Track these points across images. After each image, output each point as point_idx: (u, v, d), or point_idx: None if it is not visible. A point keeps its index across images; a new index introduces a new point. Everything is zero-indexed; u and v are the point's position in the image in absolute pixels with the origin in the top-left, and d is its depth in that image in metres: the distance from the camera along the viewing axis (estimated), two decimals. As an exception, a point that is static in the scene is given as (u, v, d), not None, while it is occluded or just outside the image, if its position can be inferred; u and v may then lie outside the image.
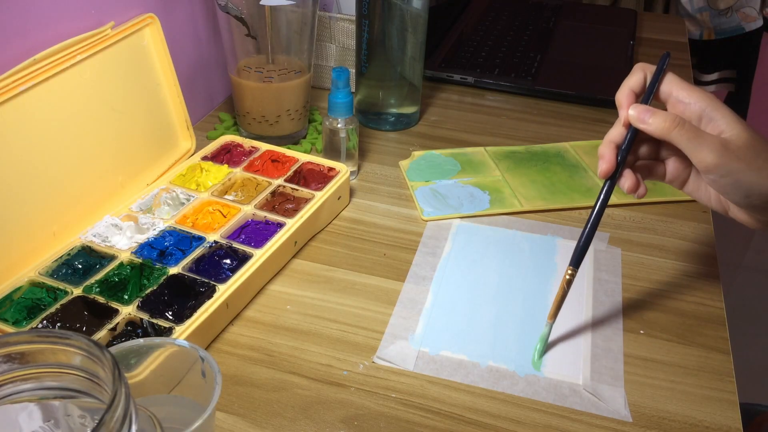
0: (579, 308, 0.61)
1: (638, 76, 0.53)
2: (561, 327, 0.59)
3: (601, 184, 0.55)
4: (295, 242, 0.66)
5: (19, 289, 0.57)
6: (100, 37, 0.65)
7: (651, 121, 0.50)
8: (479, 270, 0.65)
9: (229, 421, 0.51)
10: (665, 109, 0.53)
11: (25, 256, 0.59)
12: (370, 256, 0.67)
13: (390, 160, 0.82)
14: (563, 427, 0.51)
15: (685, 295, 0.64)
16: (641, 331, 0.59)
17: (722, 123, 0.50)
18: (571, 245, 0.69)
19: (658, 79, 0.52)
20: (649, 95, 0.52)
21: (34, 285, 0.57)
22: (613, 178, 0.53)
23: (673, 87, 0.52)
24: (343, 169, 0.73)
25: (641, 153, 0.55)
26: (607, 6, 1.51)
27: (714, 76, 1.65)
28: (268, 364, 0.55)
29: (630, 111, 0.52)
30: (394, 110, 0.88)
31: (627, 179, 0.53)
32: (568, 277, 0.54)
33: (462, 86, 1.01)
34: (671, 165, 0.55)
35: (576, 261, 0.54)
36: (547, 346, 0.57)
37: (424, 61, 0.86)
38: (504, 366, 0.56)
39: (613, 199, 0.75)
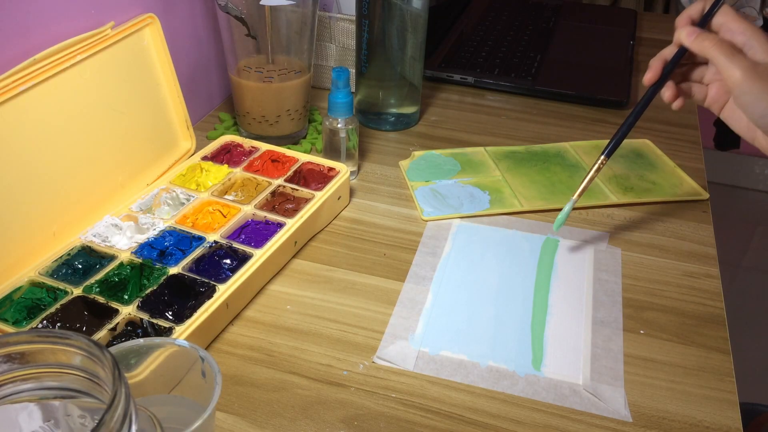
0: (579, 308, 0.61)
1: (698, 5, 0.60)
2: (561, 327, 0.59)
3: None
4: (295, 242, 0.66)
5: (19, 289, 0.57)
6: (100, 37, 0.65)
7: (695, 39, 0.58)
8: (479, 270, 0.66)
9: (229, 421, 0.51)
10: None
11: (25, 256, 0.59)
12: (370, 256, 0.67)
13: (390, 160, 0.82)
14: (563, 427, 0.51)
15: (685, 295, 0.64)
16: (641, 331, 0.59)
17: (759, 51, 0.56)
18: (571, 245, 0.69)
19: (714, 8, 0.59)
20: (704, 21, 0.59)
21: (34, 285, 0.57)
22: (656, 86, 0.61)
23: (726, 18, 0.59)
24: (343, 169, 0.73)
25: (689, 74, 0.63)
26: (607, 6, 1.51)
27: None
28: (268, 364, 0.55)
29: (682, 30, 0.59)
30: (394, 110, 0.88)
31: (668, 89, 0.62)
32: (600, 165, 0.63)
33: (462, 86, 1.01)
34: (713, 89, 0.62)
35: (609, 151, 0.63)
36: (548, 346, 0.57)
37: (424, 61, 0.86)
38: (504, 366, 0.56)
39: (613, 199, 0.75)
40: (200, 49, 0.87)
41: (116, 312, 0.55)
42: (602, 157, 0.63)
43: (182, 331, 0.53)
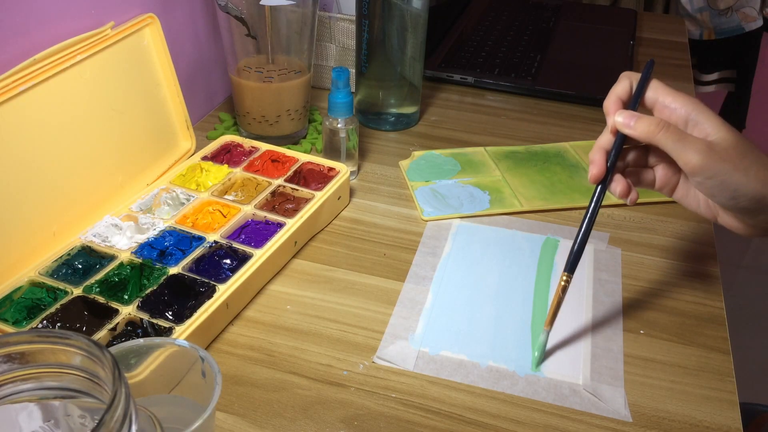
0: (579, 308, 0.61)
1: (624, 83, 0.54)
2: (561, 327, 0.59)
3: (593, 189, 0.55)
4: (295, 242, 0.66)
5: (19, 289, 0.57)
6: (100, 37, 0.65)
7: (636, 126, 0.51)
8: (479, 270, 0.66)
9: (229, 421, 0.51)
10: (652, 115, 0.53)
11: (25, 256, 0.59)
12: (370, 256, 0.67)
13: (390, 160, 0.82)
14: (563, 427, 0.51)
15: (685, 295, 0.64)
16: (641, 331, 0.59)
17: (708, 126, 0.50)
18: (571, 245, 0.69)
19: (643, 86, 0.53)
20: (635, 102, 0.53)
21: (34, 285, 0.57)
22: (603, 183, 0.54)
23: (658, 93, 0.53)
24: (343, 169, 0.73)
25: (630, 160, 0.56)
26: (607, 6, 1.51)
27: (714, 76, 1.65)
28: (268, 364, 0.55)
29: (616, 117, 0.53)
30: (394, 110, 0.88)
31: (618, 184, 0.54)
32: (563, 283, 0.54)
33: (462, 86, 1.01)
34: (660, 171, 0.55)
35: (571, 266, 0.54)
36: (547, 349, 0.57)
37: (424, 61, 0.86)
38: (504, 366, 0.56)
39: (613, 200, 0.75)
40: (200, 49, 0.87)
41: (116, 312, 0.55)
42: (565, 274, 0.54)
43: (182, 331, 0.53)
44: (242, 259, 0.61)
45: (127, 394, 0.31)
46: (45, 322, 0.54)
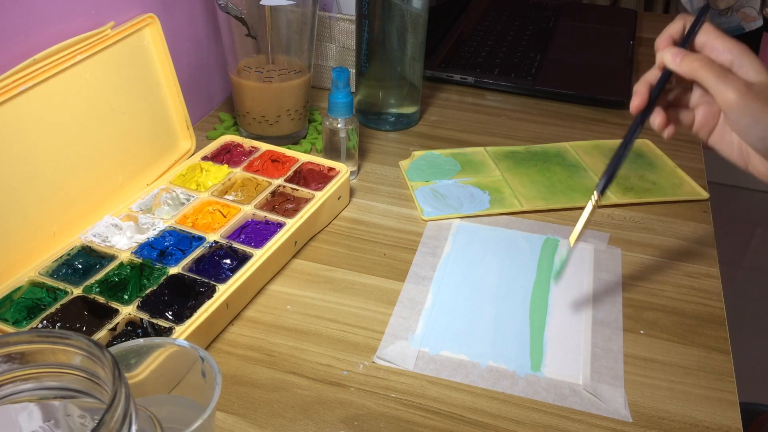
0: (579, 308, 0.61)
1: (678, 23, 0.57)
2: (561, 327, 0.59)
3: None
4: (295, 242, 0.66)
5: (19, 289, 0.57)
6: (100, 37, 0.65)
7: (682, 62, 0.53)
8: (479, 270, 0.66)
9: (229, 421, 0.51)
10: None
11: (25, 256, 0.59)
12: (370, 256, 0.67)
13: (390, 160, 0.82)
14: (563, 427, 0.51)
15: (685, 295, 0.64)
16: (641, 331, 0.59)
17: (751, 70, 0.52)
18: (571, 245, 0.69)
19: (696, 27, 0.55)
20: (686, 41, 0.55)
21: (34, 285, 0.57)
22: (644, 113, 0.56)
23: (709, 36, 0.55)
24: (343, 169, 0.73)
25: (672, 98, 0.58)
26: (607, 6, 1.51)
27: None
28: (268, 364, 0.55)
29: (665, 53, 0.55)
30: (394, 110, 0.88)
31: (657, 116, 0.56)
32: (593, 202, 0.57)
33: (462, 86, 1.01)
34: (700, 113, 0.57)
35: (603, 188, 0.57)
36: (547, 346, 0.57)
37: (424, 61, 0.86)
38: (504, 366, 0.56)
39: (613, 199, 0.75)
40: (200, 49, 0.87)
41: (116, 312, 0.55)
42: (596, 193, 0.56)
43: (182, 331, 0.53)
44: (242, 259, 0.61)
45: (127, 394, 0.31)
46: (45, 322, 0.54)
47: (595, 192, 0.56)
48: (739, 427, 0.52)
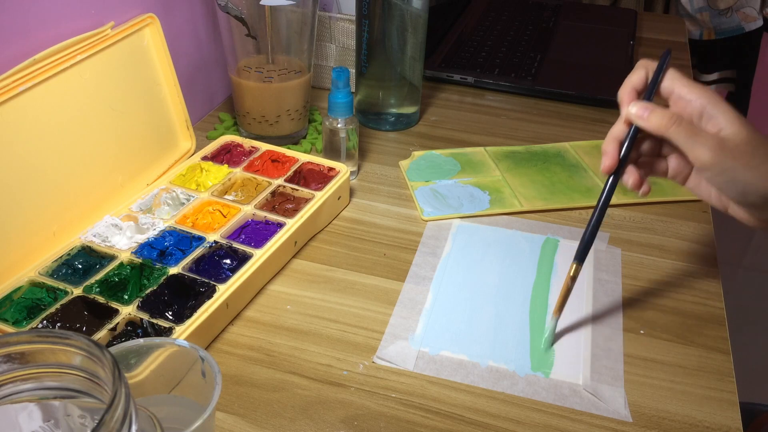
0: (579, 308, 0.61)
1: (640, 73, 0.54)
2: (561, 327, 0.59)
3: (603, 182, 0.55)
4: (295, 242, 0.66)
5: (19, 289, 0.57)
6: (100, 37, 0.65)
7: (650, 118, 0.51)
8: (479, 270, 0.65)
9: (229, 421, 0.51)
10: (668, 107, 0.53)
11: (25, 256, 0.59)
12: (370, 256, 0.67)
13: (390, 160, 0.82)
14: (563, 427, 0.51)
15: (685, 295, 0.64)
16: (641, 331, 0.59)
17: (722, 120, 0.50)
18: (571, 245, 0.69)
19: (659, 76, 0.53)
20: (651, 92, 0.53)
21: (34, 285, 0.57)
22: (616, 174, 0.54)
23: (675, 84, 0.52)
24: (343, 169, 0.73)
25: (644, 150, 0.56)
26: (607, 6, 1.51)
27: (714, 76, 1.65)
28: (268, 364, 0.55)
29: (630, 108, 0.52)
30: (394, 110, 0.88)
31: (630, 175, 0.54)
32: (572, 273, 0.55)
33: (462, 86, 1.01)
34: (673, 161, 0.55)
35: (581, 256, 0.55)
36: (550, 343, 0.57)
37: (424, 61, 0.86)
38: (504, 366, 0.56)
39: (613, 200, 0.75)
40: (200, 49, 0.87)
41: (116, 312, 0.55)
42: (574, 263, 0.55)
43: (182, 331, 0.53)
44: (242, 259, 0.61)
45: (127, 394, 0.31)
46: (45, 322, 0.54)
47: (574, 263, 0.55)
48: (739, 427, 0.52)
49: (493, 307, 0.61)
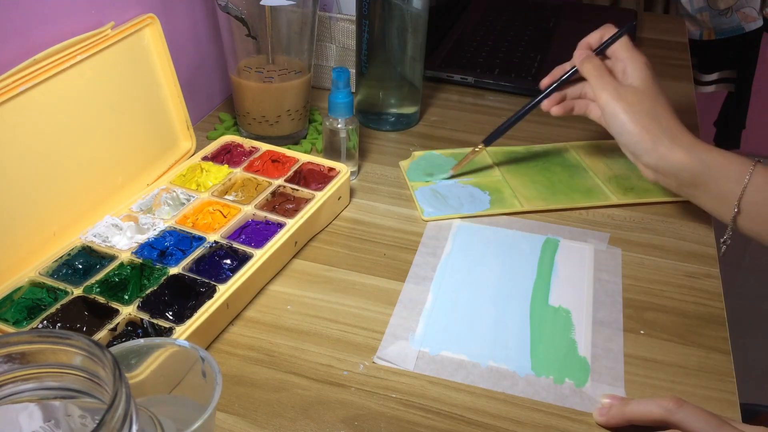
0: (579, 308, 0.61)
1: (597, 35, 0.71)
2: (561, 327, 0.59)
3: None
4: (296, 242, 0.66)
5: (19, 289, 0.57)
6: (100, 37, 0.65)
7: (581, 62, 0.69)
8: (479, 270, 0.66)
9: (229, 421, 0.51)
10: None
11: (25, 256, 0.59)
12: (370, 256, 0.67)
13: (390, 160, 0.82)
14: (563, 427, 0.51)
15: (685, 295, 0.64)
16: (641, 331, 0.59)
17: (631, 76, 0.66)
18: (571, 245, 0.69)
19: (613, 39, 0.69)
20: (601, 49, 0.70)
21: (35, 285, 0.57)
22: (544, 93, 0.73)
23: (620, 46, 0.68)
24: (344, 170, 0.73)
25: (580, 92, 0.73)
26: (607, 6, 1.51)
27: (714, 76, 1.65)
28: (269, 364, 0.56)
29: (576, 53, 0.71)
30: (394, 110, 0.88)
31: (551, 101, 0.73)
32: (477, 149, 0.76)
33: (462, 86, 1.01)
34: (593, 106, 0.71)
35: (488, 140, 0.76)
36: (546, 350, 0.57)
37: (424, 62, 0.86)
38: (504, 366, 0.56)
39: (613, 200, 0.75)
40: (200, 49, 0.87)
41: (116, 312, 0.55)
42: (481, 144, 0.75)
43: (182, 332, 0.53)
44: (242, 259, 0.61)
45: (128, 395, 0.31)
46: (45, 322, 0.54)
47: (482, 144, 0.75)
48: (740, 427, 0.52)
49: (493, 307, 0.61)
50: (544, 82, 0.73)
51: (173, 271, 0.59)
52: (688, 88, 1.03)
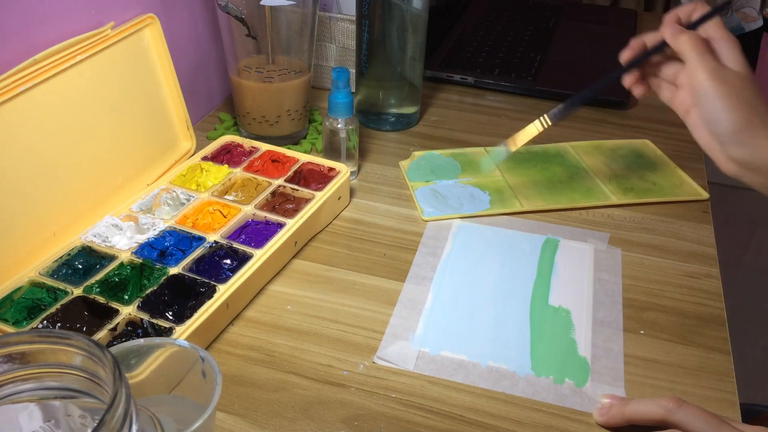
0: (579, 308, 0.61)
1: (687, 8, 0.61)
2: (561, 327, 0.59)
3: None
4: (296, 242, 0.66)
5: (19, 289, 0.57)
6: (100, 37, 0.65)
7: (675, 37, 0.58)
8: (479, 270, 0.66)
9: (229, 421, 0.51)
10: None
11: (25, 256, 0.59)
12: (370, 256, 0.67)
13: (390, 160, 0.82)
14: (563, 427, 0.51)
15: (685, 295, 0.64)
16: (641, 331, 0.59)
17: (730, 59, 0.57)
18: (571, 245, 0.69)
19: (707, 17, 0.59)
20: (694, 26, 0.59)
21: (35, 285, 0.57)
22: (624, 69, 0.62)
23: (710, 24, 0.59)
24: (344, 170, 0.73)
25: (663, 70, 0.63)
26: (607, 6, 1.51)
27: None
28: (269, 364, 0.56)
29: (665, 28, 0.60)
30: (394, 110, 0.88)
31: (631, 77, 0.63)
32: (542, 121, 0.67)
33: (462, 86, 1.01)
34: (682, 92, 0.61)
35: (556, 116, 0.67)
36: (546, 351, 0.57)
37: (424, 62, 0.86)
38: (504, 366, 0.56)
39: (613, 200, 0.75)
40: (200, 49, 0.87)
41: (116, 312, 0.55)
42: (546, 116, 0.66)
43: (182, 332, 0.53)
44: (242, 259, 0.61)
45: (128, 395, 0.31)
46: (45, 322, 0.54)
47: (545, 116, 0.66)
48: (739, 427, 0.52)
49: (493, 307, 0.61)
50: (625, 55, 0.63)
51: (173, 271, 0.59)
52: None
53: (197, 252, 0.61)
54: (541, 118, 0.65)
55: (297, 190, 0.70)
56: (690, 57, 0.57)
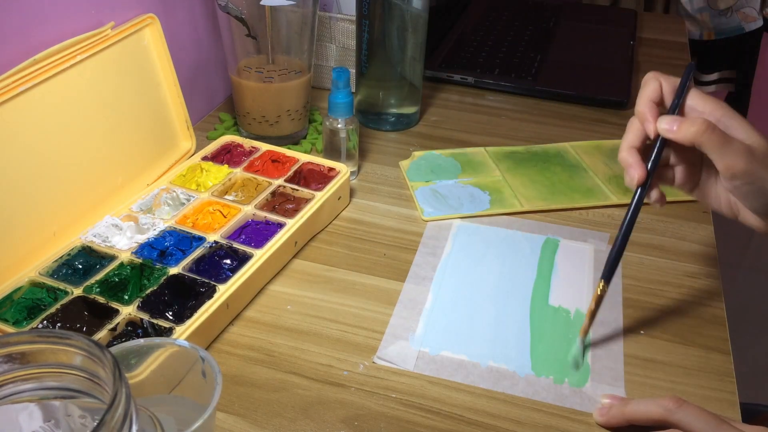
0: (579, 308, 0.61)
1: (654, 85, 0.54)
2: (561, 328, 0.59)
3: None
4: (296, 242, 0.66)
5: (19, 289, 0.57)
6: (100, 37, 0.65)
7: (680, 129, 0.50)
8: (479, 270, 0.66)
9: (229, 421, 0.51)
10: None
11: (25, 256, 0.59)
12: (370, 256, 0.67)
13: (390, 160, 0.82)
14: (563, 427, 0.51)
15: (685, 295, 0.64)
16: (641, 331, 0.59)
17: (740, 131, 0.50)
18: (571, 245, 0.69)
19: (684, 90, 0.53)
20: (675, 107, 0.52)
21: (35, 285, 0.57)
22: (644, 186, 0.53)
23: (689, 96, 0.53)
24: (344, 170, 0.73)
25: (671, 161, 0.56)
26: (607, 6, 1.51)
27: (714, 77, 1.65)
28: (269, 364, 0.56)
29: (660, 124, 0.52)
30: (394, 110, 0.88)
31: (656, 190, 0.54)
32: (599, 291, 0.54)
33: (462, 86, 1.01)
34: (680, 170, 0.56)
35: (607, 275, 0.54)
36: (546, 351, 0.57)
37: (424, 62, 0.86)
38: (504, 366, 0.56)
39: (613, 199, 0.75)
40: (200, 49, 0.87)
41: (116, 312, 0.55)
42: (601, 282, 0.54)
43: (182, 332, 0.53)
44: (242, 259, 0.61)
45: (128, 395, 0.31)
46: (45, 322, 0.54)
47: (601, 281, 0.54)
48: (740, 427, 0.52)
49: (493, 308, 0.61)
50: (637, 176, 0.53)
51: (173, 271, 0.59)
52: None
53: (197, 252, 0.61)
54: (597, 290, 0.55)
55: (297, 190, 0.70)
56: (715, 149, 0.49)
